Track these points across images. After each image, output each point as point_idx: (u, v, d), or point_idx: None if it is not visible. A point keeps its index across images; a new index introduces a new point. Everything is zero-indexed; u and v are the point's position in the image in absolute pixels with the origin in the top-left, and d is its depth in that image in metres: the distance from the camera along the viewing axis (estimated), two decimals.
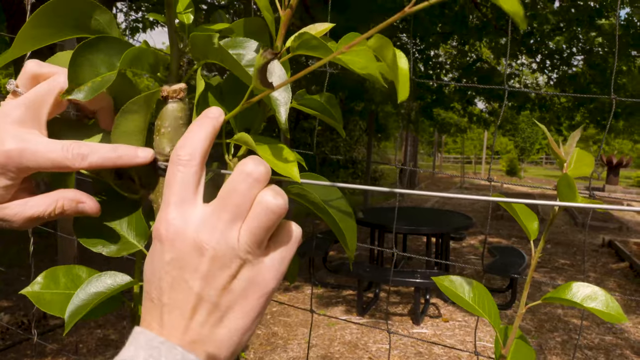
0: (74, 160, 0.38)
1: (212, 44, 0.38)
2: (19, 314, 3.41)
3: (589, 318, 3.89)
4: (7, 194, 0.38)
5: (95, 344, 3.14)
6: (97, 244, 0.42)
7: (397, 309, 3.99)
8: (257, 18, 0.49)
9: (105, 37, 0.38)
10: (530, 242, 0.48)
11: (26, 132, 0.38)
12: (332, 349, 3.22)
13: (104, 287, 0.41)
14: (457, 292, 0.50)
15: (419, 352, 3.23)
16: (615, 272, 5.32)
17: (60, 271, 0.46)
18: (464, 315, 3.86)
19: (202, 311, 0.33)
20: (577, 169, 0.44)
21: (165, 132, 0.41)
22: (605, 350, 3.37)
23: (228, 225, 0.33)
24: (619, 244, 6.23)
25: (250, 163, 0.34)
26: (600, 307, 0.45)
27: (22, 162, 0.37)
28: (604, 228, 7.80)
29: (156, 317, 0.33)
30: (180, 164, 0.34)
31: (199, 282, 0.32)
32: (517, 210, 0.48)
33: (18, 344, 3.04)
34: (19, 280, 4.11)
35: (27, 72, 0.41)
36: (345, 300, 4.11)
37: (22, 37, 0.39)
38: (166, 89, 0.41)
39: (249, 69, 0.39)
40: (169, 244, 0.33)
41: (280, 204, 0.33)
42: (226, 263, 0.33)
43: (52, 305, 0.44)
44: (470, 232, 6.86)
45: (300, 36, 0.39)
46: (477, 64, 7.70)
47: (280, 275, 0.35)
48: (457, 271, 5.03)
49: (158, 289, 0.33)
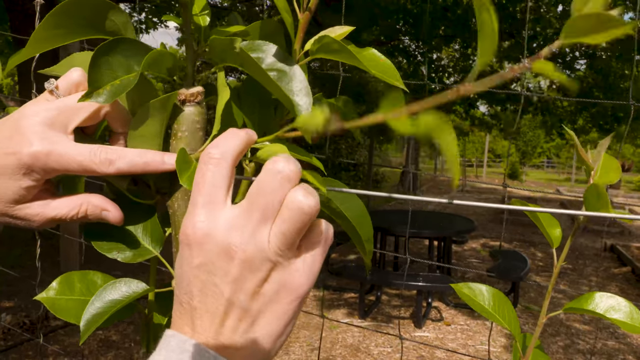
0: (101, 165, 0.37)
1: (233, 48, 0.37)
2: (20, 315, 3.40)
3: (591, 323, 3.88)
4: (29, 194, 0.38)
5: (97, 345, 3.13)
6: (112, 250, 0.41)
7: (399, 312, 3.97)
8: (272, 20, 0.48)
9: (123, 39, 0.37)
10: (553, 249, 0.47)
11: (54, 134, 0.37)
12: (334, 352, 3.21)
13: (120, 295, 0.40)
14: (477, 300, 0.49)
15: (421, 355, 3.21)
16: (617, 277, 5.30)
17: (75, 277, 0.45)
18: (465, 319, 3.84)
19: (233, 316, 0.32)
20: (603, 177, 0.43)
21: (182, 136, 0.40)
22: (608, 355, 3.36)
23: (258, 227, 0.32)
24: (621, 248, 6.21)
25: (281, 161, 0.33)
26: (624, 318, 0.44)
27: (49, 163, 0.37)
28: (606, 232, 7.78)
29: (187, 321, 0.32)
30: (211, 162, 0.33)
31: (229, 286, 0.32)
32: (539, 218, 0.47)
33: (20, 344, 3.03)
34: (22, 281, 4.10)
35: (72, 79, 0.41)
36: (347, 303, 4.10)
37: (36, 38, 0.39)
38: (184, 93, 0.40)
39: (270, 72, 0.38)
40: (198, 248, 0.32)
41: (312, 203, 0.32)
42: (257, 266, 0.32)
43: (67, 312, 0.43)
44: (472, 236, 6.85)
45: (320, 40, 0.38)
46: None
47: (313, 277, 0.34)
48: (459, 274, 5.02)
49: (188, 293, 0.32)
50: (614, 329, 3.77)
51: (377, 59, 0.40)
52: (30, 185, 0.37)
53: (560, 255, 0.48)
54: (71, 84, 0.41)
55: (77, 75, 0.41)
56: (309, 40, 0.40)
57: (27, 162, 0.36)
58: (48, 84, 0.40)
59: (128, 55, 0.38)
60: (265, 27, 0.48)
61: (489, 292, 0.52)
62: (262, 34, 0.48)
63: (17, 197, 0.37)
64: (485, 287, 0.52)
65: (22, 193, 0.37)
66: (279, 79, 0.38)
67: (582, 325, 3.84)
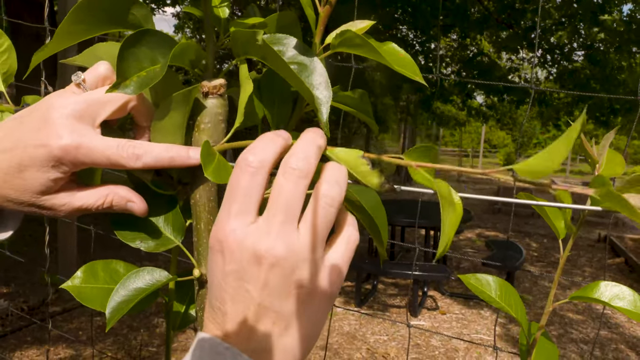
0: (129, 159, 0.38)
1: (255, 41, 0.38)
2: (18, 301, 3.41)
3: (584, 312, 3.93)
4: (57, 185, 0.38)
5: (95, 331, 3.15)
6: (135, 239, 0.42)
7: (395, 301, 4.01)
8: (289, 12, 0.48)
9: (148, 30, 0.38)
10: (559, 240, 0.48)
11: (82, 127, 0.38)
12: (331, 339, 3.25)
13: (144, 284, 0.41)
14: (485, 290, 0.51)
15: (417, 344, 3.25)
16: (610, 267, 5.36)
17: (98, 265, 0.46)
18: (461, 308, 3.89)
19: (266, 321, 0.32)
20: (608, 169, 0.44)
21: (205, 128, 0.41)
22: (600, 344, 3.41)
23: (282, 228, 0.32)
24: (615, 239, 6.27)
25: (292, 160, 0.33)
26: (628, 306, 0.45)
27: (78, 157, 0.37)
28: (600, 223, 7.84)
29: (219, 326, 0.33)
30: (248, 171, 0.33)
31: (260, 291, 0.32)
32: (545, 210, 0.48)
33: (18, 330, 3.04)
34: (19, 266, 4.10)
35: (99, 72, 0.41)
36: (344, 292, 4.13)
37: (61, 33, 0.39)
38: (206, 85, 0.41)
39: (291, 65, 0.38)
40: (229, 255, 0.32)
41: (335, 194, 0.32)
42: (287, 269, 0.32)
43: (93, 300, 0.44)
44: (468, 226, 6.89)
45: (342, 34, 0.39)
46: (477, 58, 7.68)
47: (343, 275, 0.34)
48: (454, 264, 5.06)
49: (220, 298, 0.33)
50: (607, 319, 3.82)
51: (397, 53, 0.41)
52: (58, 177, 0.38)
53: (566, 245, 0.50)
54: (98, 77, 0.41)
55: (103, 69, 0.41)
56: (329, 34, 0.41)
57: (57, 154, 0.37)
58: (75, 77, 0.40)
59: (153, 47, 0.38)
60: (282, 19, 0.48)
61: (495, 282, 0.53)
62: (278, 25, 0.48)
63: (45, 188, 0.38)
64: (491, 277, 0.54)
65: (49, 184, 0.38)
66: (300, 72, 0.39)
67: (575, 315, 3.90)
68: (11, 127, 0.38)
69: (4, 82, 0.57)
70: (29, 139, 0.37)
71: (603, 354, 3.27)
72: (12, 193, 0.38)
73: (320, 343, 3.17)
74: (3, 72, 0.58)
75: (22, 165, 0.37)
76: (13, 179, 0.37)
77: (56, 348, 2.87)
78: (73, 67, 3.24)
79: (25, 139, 0.37)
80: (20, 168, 0.37)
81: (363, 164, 0.34)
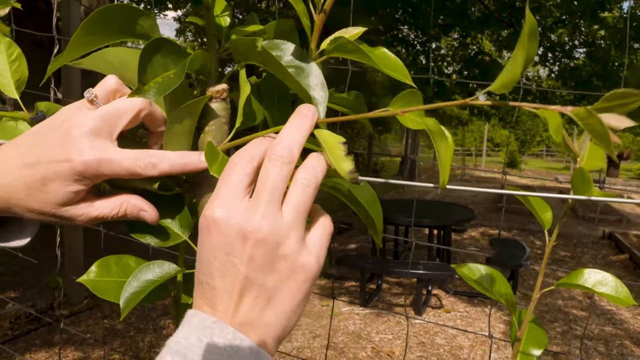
0: (146, 168, 0.41)
1: (255, 47, 0.41)
2: (27, 304, 3.45)
3: (589, 309, 3.94)
4: (78, 197, 0.41)
5: (102, 334, 3.18)
6: (146, 236, 0.46)
7: (400, 300, 4.03)
8: (287, 20, 0.51)
9: (164, 39, 0.41)
10: (545, 231, 0.51)
11: (101, 142, 0.41)
12: (336, 339, 3.27)
13: (154, 276, 0.44)
14: (475, 278, 0.54)
15: (421, 342, 3.28)
16: (615, 264, 5.37)
17: (111, 260, 0.49)
18: (465, 306, 3.91)
19: (251, 294, 0.35)
20: (589, 163, 0.47)
21: (209, 130, 0.44)
22: (605, 340, 3.42)
23: (267, 207, 0.35)
24: (619, 236, 6.27)
25: (277, 148, 0.36)
26: (610, 291, 0.48)
27: (100, 170, 0.40)
28: (604, 220, 7.84)
29: (207, 301, 0.35)
30: (239, 164, 0.37)
31: (246, 265, 0.34)
32: (532, 202, 0.51)
33: (26, 334, 3.08)
34: (26, 270, 4.15)
35: (109, 86, 0.44)
36: (349, 292, 4.16)
37: (75, 43, 0.42)
38: (210, 90, 0.44)
39: (289, 69, 0.41)
40: (216, 230, 0.35)
41: (311, 176, 0.36)
42: (271, 244, 0.35)
43: (107, 292, 0.47)
44: (472, 225, 6.90)
45: (335, 40, 0.42)
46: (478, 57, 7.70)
47: (322, 259, 0.37)
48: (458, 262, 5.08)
49: (208, 273, 0.36)
50: (611, 315, 3.83)
51: (388, 57, 0.43)
52: (80, 189, 0.41)
53: (551, 236, 0.53)
54: (109, 91, 0.44)
55: (112, 83, 0.44)
56: (324, 40, 0.44)
57: (80, 169, 0.40)
58: (87, 94, 0.43)
59: (165, 55, 0.41)
60: (281, 26, 0.52)
61: (486, 270, 0.56)
62: (277, 32, 0.51)
63: (66, 200, 0.41)
64: (483, 266, 0.57)
65: (71, 196, 0.41)
66: (297, 74, 0.42)
67: (579, 312, 3.91)
68: (31, 143, 0.41)
69: (17, 90, 0.60)
70: (53, 155, 0.40)
71: (607, 350, 3.28)
72: (35, 205, 0.41)
73: (324, 342, 3.20)
74: (15, 79, 0.61)
75: (46, 179, 0.40)
76: (37, 192, 0.40)
77: (65, 350, 2.91)
78: (77, 72, 3.28)
79: (49, 155, 0.40)
80: (45, 182, 0.40)
81: (340, 149, 0.37)
